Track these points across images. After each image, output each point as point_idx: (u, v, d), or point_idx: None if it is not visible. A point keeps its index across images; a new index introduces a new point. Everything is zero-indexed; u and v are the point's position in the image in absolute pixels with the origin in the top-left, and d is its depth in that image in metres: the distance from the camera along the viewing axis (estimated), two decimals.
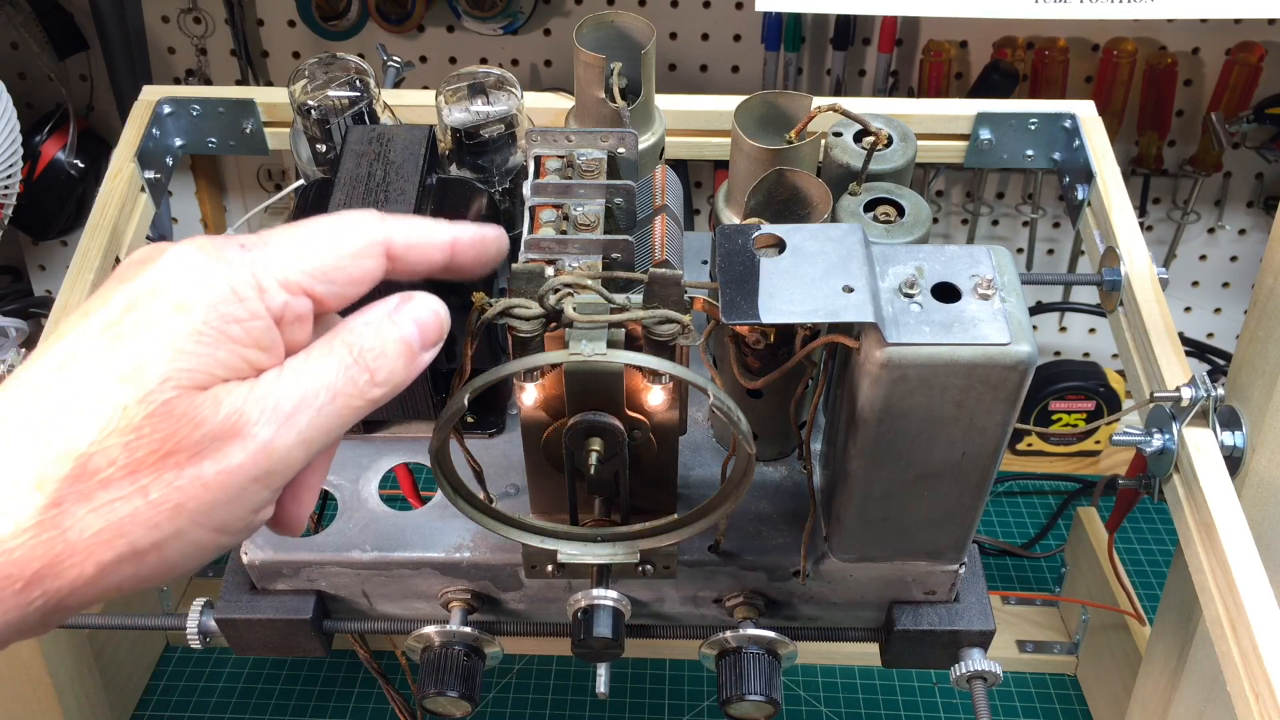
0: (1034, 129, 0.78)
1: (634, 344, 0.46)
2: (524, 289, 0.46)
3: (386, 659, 0.90)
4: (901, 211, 0.56)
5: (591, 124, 0.62)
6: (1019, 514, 1.12)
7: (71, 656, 0.82)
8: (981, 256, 0.47)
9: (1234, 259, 1.19)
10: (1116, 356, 1.20)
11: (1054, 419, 1.12)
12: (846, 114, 0.57)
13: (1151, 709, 0.78)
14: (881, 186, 0.58)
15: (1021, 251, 1.17)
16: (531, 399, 0.49)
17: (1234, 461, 0.64)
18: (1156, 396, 0.62)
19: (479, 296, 0.45)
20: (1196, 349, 1.19)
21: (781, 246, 0.46)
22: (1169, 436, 0.62)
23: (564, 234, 0.51)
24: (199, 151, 0.81)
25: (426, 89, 0.76)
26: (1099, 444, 1.16)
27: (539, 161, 0.55)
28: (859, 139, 0.60)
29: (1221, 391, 0.61)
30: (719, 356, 0.57)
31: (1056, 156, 0.79)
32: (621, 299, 0.46)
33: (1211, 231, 1.17)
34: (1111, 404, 1.11)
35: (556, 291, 0.45)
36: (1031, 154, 0.79)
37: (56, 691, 0.80)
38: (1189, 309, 1.23)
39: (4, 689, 0.79)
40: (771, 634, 0.58)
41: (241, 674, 0.95)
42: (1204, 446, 0.61)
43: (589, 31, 0.61)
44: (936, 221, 1.17)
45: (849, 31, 1.05)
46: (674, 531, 0.52)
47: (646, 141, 0.63)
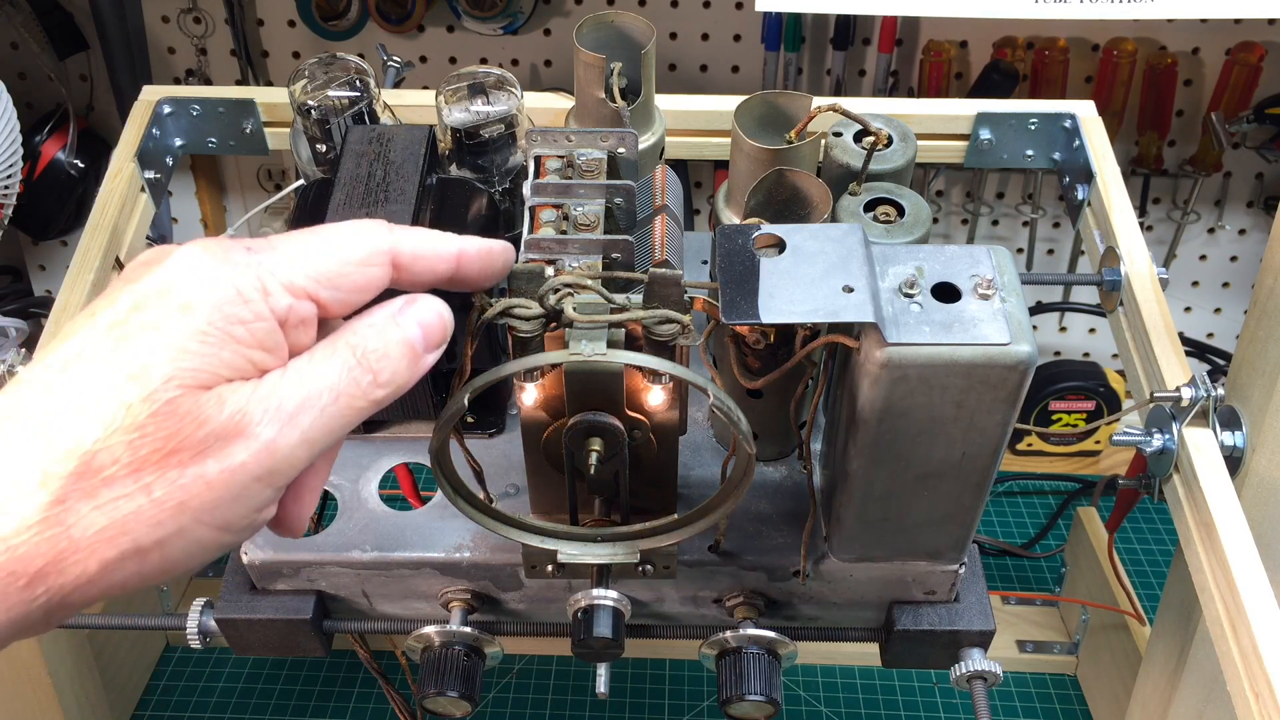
0: (1034, 129, 0.78)
1: (634, 344, 0.46)
2: (524, 289, 0.46)
3: (386, 659, 0.90)
4: (901, 211, 0.56)
5: (591, 124, 0.62)
6: (1019, 514, 1.12)
7: (71, 656, 0.82)
8: (981, 256, 0.47)
9: (1234, 259, 1.19)
10: (1116, 356, 1.20)
11: (1054, 419, 1.12)
12: (846, 114, 0.57)
13: (1151, 709, 0.78)
14: (881, 186, 0.58)
15: (1021, 251, 1.17)
16: (531, 399, 0.49)
17: (1234, 461, 0.64)
18: (1156, 396, 0.62)
19: (479, 297, 0.45)
20: (1196, 349, 1.19)
21: (781, 246, 0.46)
22: (1169, 436, 0.62)
23: (564, 234, 0.51)
24: (199, 151, 0.81)
25: (426, 89, 0.76)
26: (1099, 444, 1.16)
27: (539, 161, 0.55)
28: (859, 139, 0.60)
29: (1221, 391, 0.61)
30: (719, 356, 0.57)
31: (1056, 156, 0.79)
32: (621, 299, 0.46)
33: (1211, 231, 1.17)
34: (1111, 404, 1.11)
35: (556, 291, 0.45)
36: (1031, 154, 0.79)
37: (56, 691, 0.80)
38: (1189, 309, 1.23)
39: (4, 689, 0.79)
40: (771, 634, 0.58)
41: (241, 674, 0.95)
42: (1204, 446, 0.61)
43: (589, 31, 0.61)
44: (936, 221, 1.17)
45: (849, 31, 1.05)
46: (674, 531, 0.52)
47: (646, 141, 0.63)
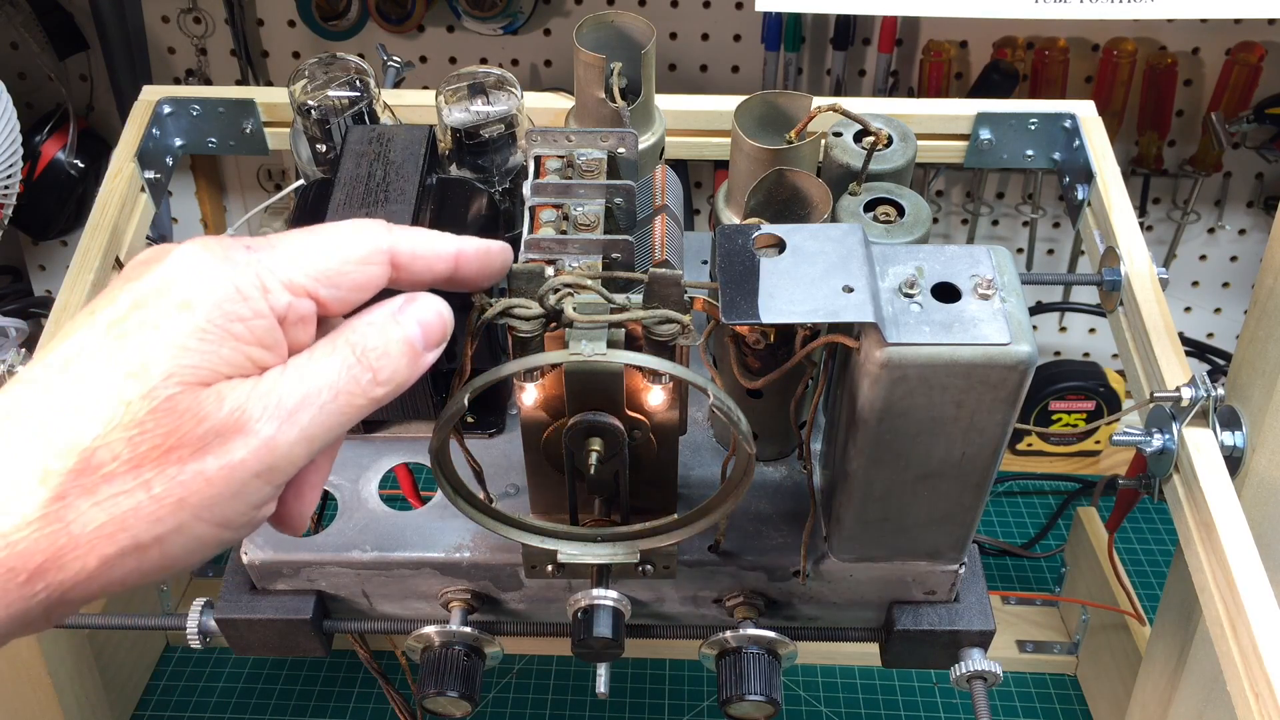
0: (1034, 129, 0.78)
1: (634, 344, 0.46)
2: (524, 289, 0.46)
3: (386, 659, 0.90)
4: (901, 211, 0.56)
5: (591, 124, 0.62)
6: (1019, 514, 1.12)
7: (71, 656, 0.82)
8: (981, 256, 0.47)
9: (1234, 259, 1.19)
10: (1116, 356, 1.20)
11: (1054, 419, 1.12)
12: (846, 114, 0.57)
13: (1151, 709, 0.78)
14: (881, 186, 0.58)
15: (1021, 251, 1.17)
16: (531, 399, 0.49)
17: (1234, 461, 0.64)
18: (1156, 396, 0.62)
19: (479, 297, 0.45)
20: (1196, 349, 1.19)
21: (781, 246, 0.46)
22: (1169, 436, 0.62)
23: (564, 234, 0.51)
24: (199, 151, 0.81)
25: (426, 89, 0.76)
26: (1099, 444, 1.16)
27: (539, 161, 0.55)
28: (859, 139, 0.60)
29: (1221, 391, 0.61)
30: (719, 356, 0.57)
31: (1056, 156, 0.79)
32: (621, 299, 0.46)
33: (1211, 231, 1.17)
34: (1111, 404, 1.11)
35: (556, 291, 0.45)
36: (1031, 154, 0.79)
37: (56, 691, 0.80)
38: (1189, 309, 1.23)
39: (4, 689, 0.79)
40: (771, 634, 0.58)
41: (241, 674, 0.95)
42: (1204, 446, 0.61)
43: (589, 31, 0.61)
44: (936, 221, 1.17)
45: (849, 31, 1.05)
46: (674, 531, 0.52)
47: (646, 141, 0.63)
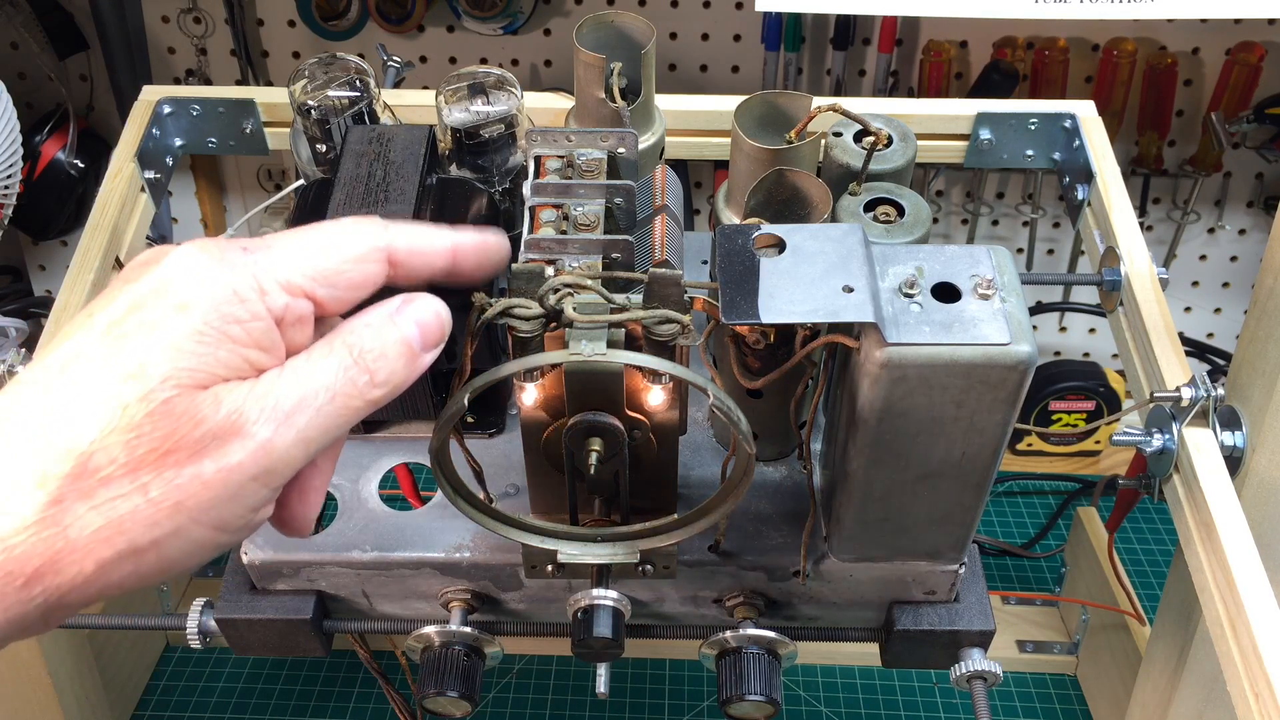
0: (1034, 129, 0.78)
1: (634, 344, 0.46)
2: (524, 289, 0.46)
3: (386, 659, 0.90)
4: (901, 211, 0.56)
5: (591, 124, 0.62)
6: (1019, 514, 1.12)
7: (71, 656, 0.82)
8: (981, 256, 0.47)
9: (1234, 259, 1.19)
10: (1116, 356, 1.20)
11: (1054, 419, 1.12)
12: (846, 114, 0.57)
13: (1151, 709, 0.78)
14: (881, 186, 0.58)
15: (1021, 251, 1.17)
16: (531, 399, 0.49)
17: (1234, 461, 0.64)
18: (1156, 396, 0.62)
19: (479, 296, 0.45)
20: (1196, 349, 1.19)
21: (781, 246, 0.46)
22: (1169, 436, 0.62)
23: (564, 234, 0.51)
24: (199, 151, 0.81)
25: (426, 89, 0.76)
26: (1099, 444, 1.16)
27: (539, 161, 0.55)
28: (859, 139, 0.60)
29: (1221, 391, 0.61)
30: (719, 356, 0.57)
31: (1056, 156, 0.79)
32: (621, 299, 0.46)
33: (1211, 231, 1.17)
34: (1111, 404, 1.11)
35: (556, 291, 0.45)
36: (1031, 154, 0.79)
37: (56, 691, 0.80)
38: (1189, 309, 1.23)
39: (4, 689, 0.79)
40: (771, 634, 0.58)
41: (241, 674, 0.95)
42: (1204, 446, 0.61)
43: (589, 31, 0.61)
44: (936, 221, 1.17)
45: (849, 31, 1.05)
46: (674, 531, 0.52)
47: (646, 141, 0.63)
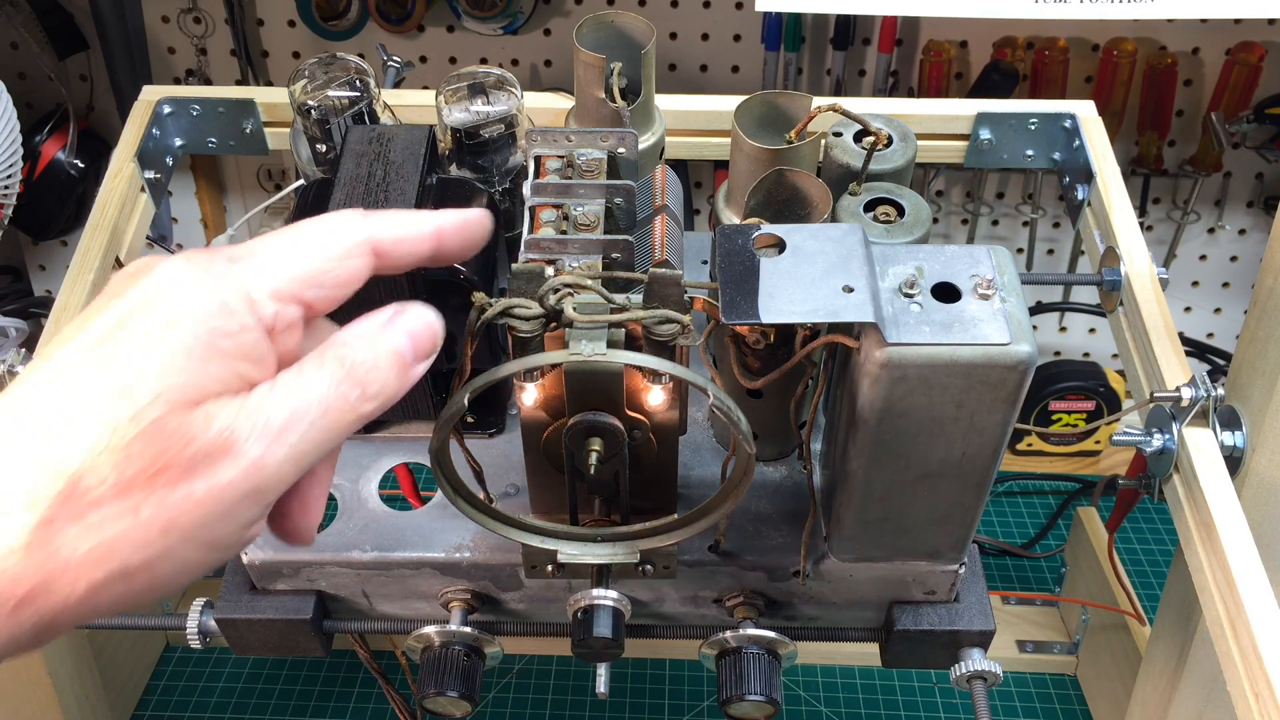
0: (1034, 129, 0.78)
1: (634, 344, 0.46)
2: (524, 289, 0.46)
3: (386, 659, 0.90)
4: (901, 211, 0.56)
5: (591, 124, 0.62)
6: (1019, 514, 1.12)
7: (71, 656, 0.82)
8: (981, 256, 0.47)
9: (1234, 259, 1.19)
10: (1116, 356, 1.20)
11: (1054, 419, 1.12)
12: (846, 114, 0.57)
13: (1151, 709, 0.78)
14: (881, 186, 0.58)
15: (1021, 251, 1.17)
16: (531, 399, 0.49)
17: (1234, 461, 0.64)
18: (1156, 396, 0.62)
19: (479, 296, 0.45)
20: (1196, 349, 1.19)
21: (781, 246, 0.46)
22: (1169, 436, 0.62)
23: (564, 234, 0.51)
24: (199, 151, 0.81)
25: (426, 89, 0.76)
26: (1099, 444, 1.16)
27: (539, 161, 0.55)
28: (859, 139, 0.60)
29: (1221, 391, 0.61)
30: (719, 356, 0.57)
31: (1056, 156, 0.79)
32: (621, 299, 0.46)
33: (1211, 231, 1.17)
34: (1111, 404, 1.11)
35: (556, 291, 0.45)
36: (1031, 154, 0.79)
37: (56, 691, 0.80)
38: (1189, 309, 1.22)
39: (4, 689, 0.79)
40: (771, 634, 0.58)
41: (241, 674, 0.95)
42: (1204, 446, 0.61)
43: (589, 31, 0.61)
44: (936, 221, 1.17)
45: (849, 31, 1.05)
46: (674, 531, 0.52)
47: (646, 141, 0.63)
